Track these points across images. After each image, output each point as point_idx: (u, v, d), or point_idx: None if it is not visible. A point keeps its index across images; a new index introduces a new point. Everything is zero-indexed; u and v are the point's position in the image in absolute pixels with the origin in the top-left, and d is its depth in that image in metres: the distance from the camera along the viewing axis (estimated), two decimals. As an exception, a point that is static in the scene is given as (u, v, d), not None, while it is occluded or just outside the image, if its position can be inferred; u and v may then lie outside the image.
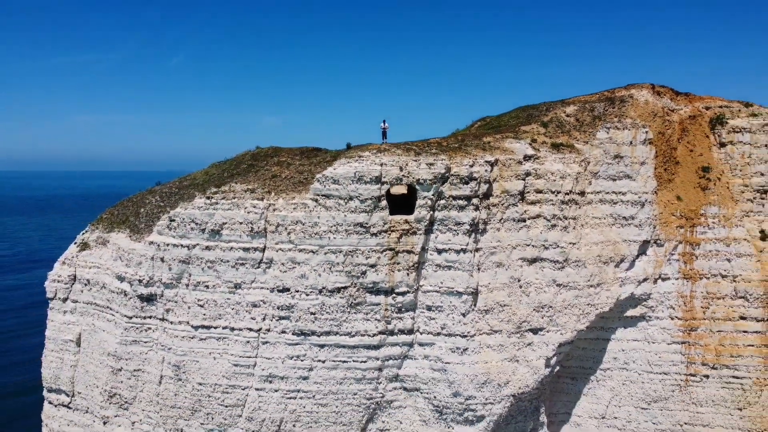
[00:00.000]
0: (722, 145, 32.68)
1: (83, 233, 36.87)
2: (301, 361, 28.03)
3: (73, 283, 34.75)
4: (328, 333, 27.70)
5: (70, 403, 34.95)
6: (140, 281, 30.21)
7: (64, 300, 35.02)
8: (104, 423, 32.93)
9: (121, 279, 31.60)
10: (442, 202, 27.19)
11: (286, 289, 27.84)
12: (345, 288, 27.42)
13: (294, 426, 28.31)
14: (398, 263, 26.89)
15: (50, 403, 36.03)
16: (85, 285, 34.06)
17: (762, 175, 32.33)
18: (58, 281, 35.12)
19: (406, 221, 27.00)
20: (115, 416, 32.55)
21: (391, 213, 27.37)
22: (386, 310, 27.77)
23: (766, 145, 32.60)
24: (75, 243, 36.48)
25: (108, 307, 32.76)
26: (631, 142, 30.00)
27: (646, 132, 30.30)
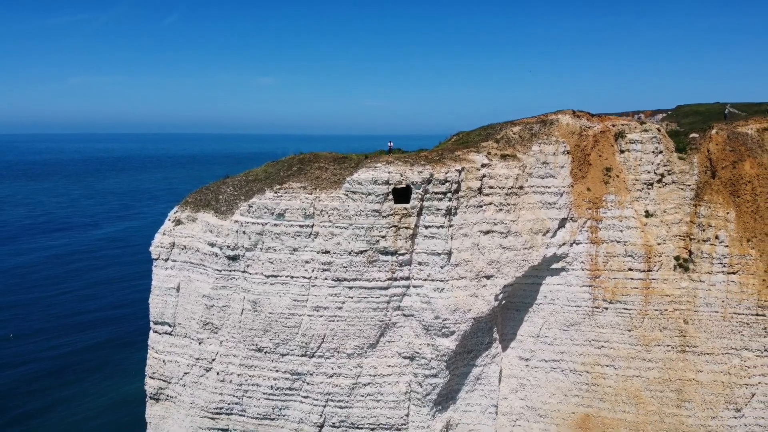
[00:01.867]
0: (622, 151, 47.12)
1: (174, 213, 51.20)
2: (337, 297, 43.07)
3: (172, 248, 49.57)
4: (354, 279, 42.68)
5: (172, 331, 50.03)
6: (228, 246, 45.04)
7: (166, 260, 49.82)
8: (199, 343, 48.05)
9: (212, 245, 46.41)
10: (428, 195, 41.81)
11: (327, 252, 42.70)
12: (365, 251, 42.29)
13: (332, 339, 43.58)
14: (400, 235, 41.74)
15: (156, 332, 51.04)
16: (182, 249, 48.82)
17: (648, 172, 46.88)
18: (161, 247, 49.91)
19: (405, 208, 41.69)
20: (208, 338, 47.65)
21: (395, 202, 41.98)
22: (392, 265, 42.65)
23: (652, 152, 47.11)
24: (169, 219, 50.88)
25: (201, 264, 47.61)
26: (554, 153, 44.45)
27: (565, 146, 44.76)
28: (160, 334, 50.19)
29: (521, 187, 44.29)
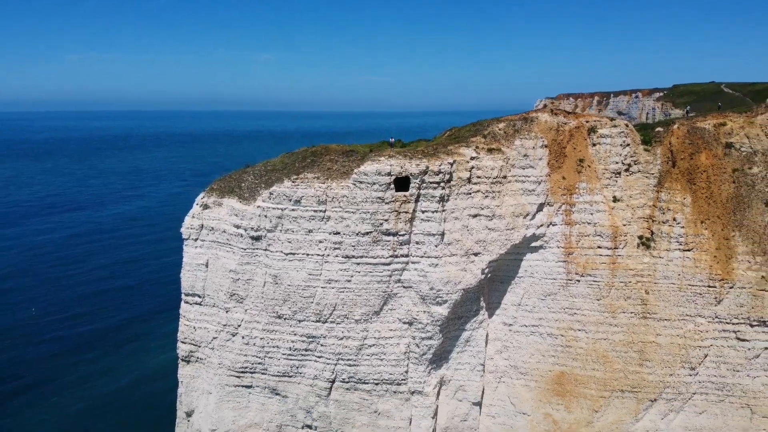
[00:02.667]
0: (594, 144, 53.77)
1: (201, 198, 57.67)
2: (346, 271, 50.08)
3: (201, 229, 56.46)
4: (361, 256, 49.66)
5: (201, 302, 57.13)
6: (251, 228, 51.93)
7: (195, 240, 56.75)
8: (226, 311, 55.15)
9: (237, 227, 53.29)
10: (424, 184, 48.55)
11: (338, 233, 49.60)
12: (371, 232, 49.17)
13: (342, 307, 50.59)
14: (400, 218, 48.64)
15: (187, 303, 58.10)
16: (210, 230, 55.68)
17: (616, 163, 53.58)
18: (191, 228, 56.73)
19: (404, 196, 48.52)
20: (234, 307, 54.77)
21: (396, 191, 48.73)
22: (393, 244, 49.56)
23: (620, 145, 53.75)
24: (197, 204, 57.48)
25: (228, 243, 54.51)
26: (533, 147, 51.20)
27: (543, 140, 51.47)
28: (190, 304, 57.31)
29: (505, 177, 51.16)
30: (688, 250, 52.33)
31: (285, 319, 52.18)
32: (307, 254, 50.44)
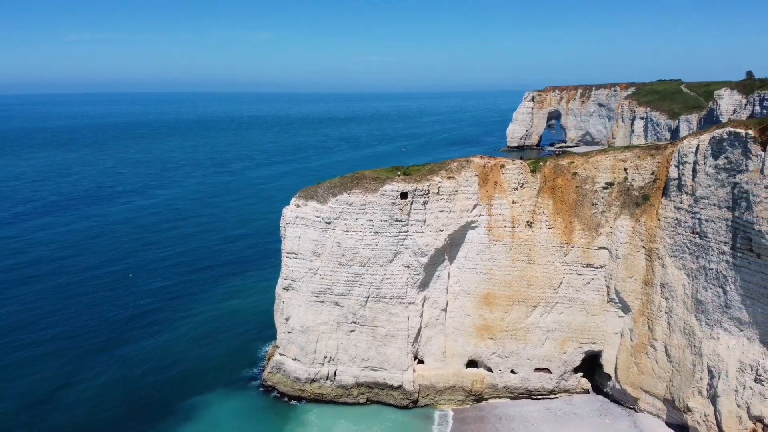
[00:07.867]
0: (504, 173, 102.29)
1: (294, 200, 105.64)
2: (375, 240, 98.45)
3: (296, 218, 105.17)
4: (383, 233, 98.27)
5: (296, 257, 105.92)
6: (325, 218, 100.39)
7: (293, 224, 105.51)
8: (310, 261, 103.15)
9: (317, 217, 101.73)
10: (415, 195, 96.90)
11: (371, 220, 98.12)
12: (388, 220, 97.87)
13: (373, 258, 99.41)
14: (403, 212, 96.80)
15: (287, 257, 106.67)
16: (301, 218, 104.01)
17: (515, 182, 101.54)
18: (290, 217, 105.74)
19: (405, 201, 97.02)
20: (315, 259, 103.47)
21: (401, 198, 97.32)
22: (399, 226, 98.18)
23: (517, 173, 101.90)
24: (292, 203, 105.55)
25: (311, 225, 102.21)
26: (471, 176, 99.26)
27: (475, 172, 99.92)
28: (290, 258, 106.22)
29: (456, 191, 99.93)
30: (551, 228, 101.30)
31: (342, 265, 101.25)
32: (355, 231, 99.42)
